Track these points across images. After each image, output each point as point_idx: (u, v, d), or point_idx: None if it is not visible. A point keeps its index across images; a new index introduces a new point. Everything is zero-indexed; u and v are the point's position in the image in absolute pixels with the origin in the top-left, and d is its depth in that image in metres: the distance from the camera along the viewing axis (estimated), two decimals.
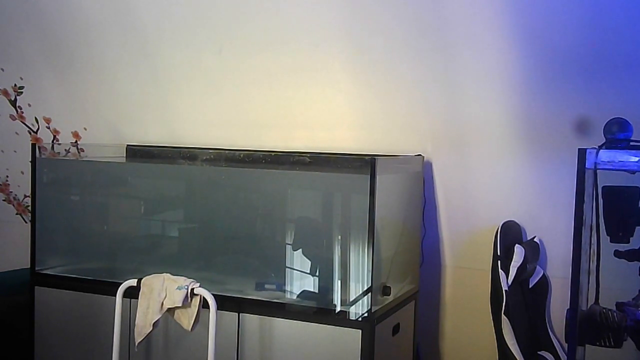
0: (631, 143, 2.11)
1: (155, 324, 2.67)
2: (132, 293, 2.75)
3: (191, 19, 3.14)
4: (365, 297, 2.60)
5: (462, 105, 2.93)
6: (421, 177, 3.09)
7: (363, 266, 2.60)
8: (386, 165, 2.76)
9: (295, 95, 3.18)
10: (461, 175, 3.06)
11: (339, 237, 2.74)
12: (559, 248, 2.96)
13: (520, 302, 2.97)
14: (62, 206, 3.31)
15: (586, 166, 2.03)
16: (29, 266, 3.19)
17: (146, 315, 2.67)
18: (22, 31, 3.55)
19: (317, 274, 2.78)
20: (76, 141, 3.79)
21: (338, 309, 2.66)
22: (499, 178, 3.00)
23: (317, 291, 2.79)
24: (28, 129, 3.91)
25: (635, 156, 2.02)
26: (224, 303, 2.69)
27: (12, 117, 3.90)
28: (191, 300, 2.62)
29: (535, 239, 3.00)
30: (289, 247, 2.84)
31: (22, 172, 3.97)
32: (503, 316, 2.77)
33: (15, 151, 4.00)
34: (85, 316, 3.03)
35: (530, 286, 3.01)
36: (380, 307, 2.67)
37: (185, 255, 3.12)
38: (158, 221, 3.22)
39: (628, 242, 2.15)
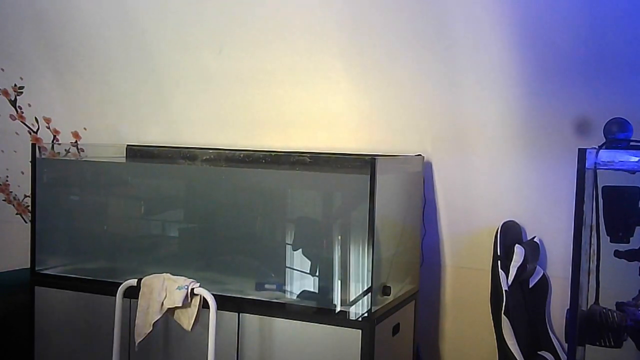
0: (631, 143, 2.11)
1: (155, 324, 2.67)
2: (132, 293, 2.74)
3: (191, 19, 3.14)
4: (365, 297, 2.60)
5: (462, 105, 2.93)
6: (421, 177, 3.09)
7: (363, 266, 2.60)
8: (386, 165, 2.76)
9: (295, 95, 3.18)
10: (461, 175, 3.06)
11: (339, 237, 2.74)
12: (559, 248, 2.96)
13: (520, 302, 2.97)
14: (62, 206, 3.31)
15: (586, 166, 2.03)
16: (29, 266, 3.19)
17: (146, 315, 2.67)
18: (22, 31, 3.55)
19: (317, 274, 2.78)
20: (76, 141, 3.79)
21: (338, 309, 2.66)
22: (499, 178, 3.00)
23: (317, 291, 2.79)
24: (28, 129, 3.91)
25: (635, 156, 2.03)
26: (224, 303, 2.69)
27: (12, 117, 3.90)
28: (191, 300, 2.62)
29: (535, 239, 3.00)
30: (289, 247, 2.84)
31: (22, 172, 3.97)
32: (503, 316, 2.77)
33: (15, 151, 4.00)
34: (85, 316, 3.03)
35: (530, 286, 3.01)
36: (380, 307, 2.67)
37: (185, 255, 3.12)
38: (158, 221, 3.22)
39: (628, 242, 2.15)
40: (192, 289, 2.62)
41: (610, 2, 2.46)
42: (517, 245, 2.85)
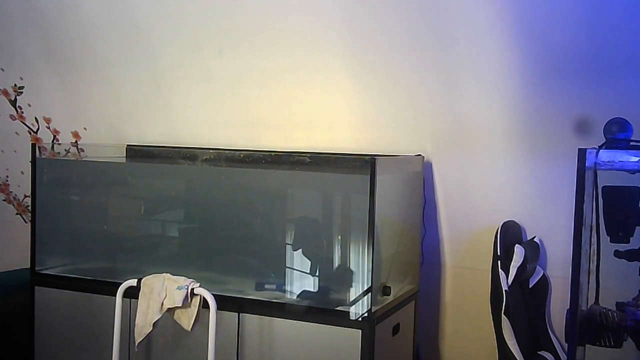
0: (631, 143, 2.11)
1: (155, 324, 2.67)
2: (132, 293, 2.75)
3: (191, 19, 3.14)
4: (365, 297, 2.60)
5: (462, 105, 2.93)
6: (421, 177, 3.09)
7: (363, 266, 2.60)
8: (386, 165, 2.76)
9: (295, 95, 3.18)
10: (461, 175, 3.06)
11: (339, 237, 2.74)
12: (559, 248, 2.96)
13: (520, 302, 2.97)
14: (62, 206, 3.31)
15: (586, 166, 2.03)
16: (29, 266, 3.19)
17: (146, 315, 2.67)
18: (22, 31, 3.55)
19: (317, 274, 2.78)
20: (76, 141, 3.79)
21: (338, 309, 2.66)
22: (499, 178, 3.00)
23: (317, 291, 2.79)
24: (28, 129, 3.91)
25: (635, 156, 2.02)
26: (224, 303, 2.69)
27: (12, 117, 3.90)
28: (191, 300, 2.62)
29: (535, 239, 3.00)
30: (289, 247, 2.84)
31: (22, 172, 3.97)
32: (503, 316, 2.77)
33: (15, 151, 4.00)
34: (85, 316, 3.03)
35: (530, 286, 3.01)
36: (380, 307, 2.67)
37: (185, 255, 3.12)
38: (158, 221, 3.22)
39: (628, 242, 2.15)
40: (192, 289, 2.62)
41: (610, 2, 2.46)
42: (517, 245, 2.85)
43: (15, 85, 3.81)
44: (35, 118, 3.87)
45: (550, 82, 2.72)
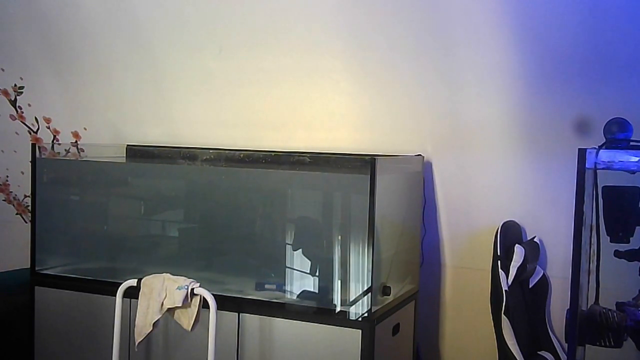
0: (631, 143, 2.11)
1: (155, 324, 2.67)
2: (132, 293, 2.74)
3: (191, 19, 3.14)
4: (365, 297, 2.60)
5: (462, 105, 2.93)
6: (421, 177, 3.09)
7: (363, 266, 2.60)
8: (386, 165, 2.76)
9: (295, 95, 3.18)
10: (461, 175, 3.07)
11: (339, 237, 2.74)
12: (559, 248, 2.96)
13: (520, 302, 2.97)
14: (62, 206, 3.31)
15: (586, 166, 2.03)
16: (29, 266, 3.19)
17: (146, 315, 2.67)
18: (22, 31, 3.55)
19: (317, 274, 2.78)
20: (76, 141, 3.79)
21: (338, 309, 2.66)
22: (499, 178, 3.00)
23: (317, 291, 2.79)
24: (28, 129, 3.91)
25: (635, 156, 2.02)
26: (224, 303, 2.69)
27: (12, 117, 3.90)
28: (191, 300, 2.62)
29: (535, 239, 3.00)
30: (289, 247, 2.84)
31: (22, 172, 3.97)
32: (503, 316, 2.77)
33: (15, 151, 4.00)
34: (85, 316, 3.03)
35: (530, 286, 3.01)
36: (380, 307, 2.67)
37: (185, 255, 3.12)
38: (158, 221, 3.22)
39: (628, 242, 2.15)
40: (192, 289, 2.62)
41: (609, 2, 2.46)
42: (517, 245, 2.85)
43: (15, 85, 3.81)
44: (35, 118, 3.87)
45: (550, 82, 2.72)
